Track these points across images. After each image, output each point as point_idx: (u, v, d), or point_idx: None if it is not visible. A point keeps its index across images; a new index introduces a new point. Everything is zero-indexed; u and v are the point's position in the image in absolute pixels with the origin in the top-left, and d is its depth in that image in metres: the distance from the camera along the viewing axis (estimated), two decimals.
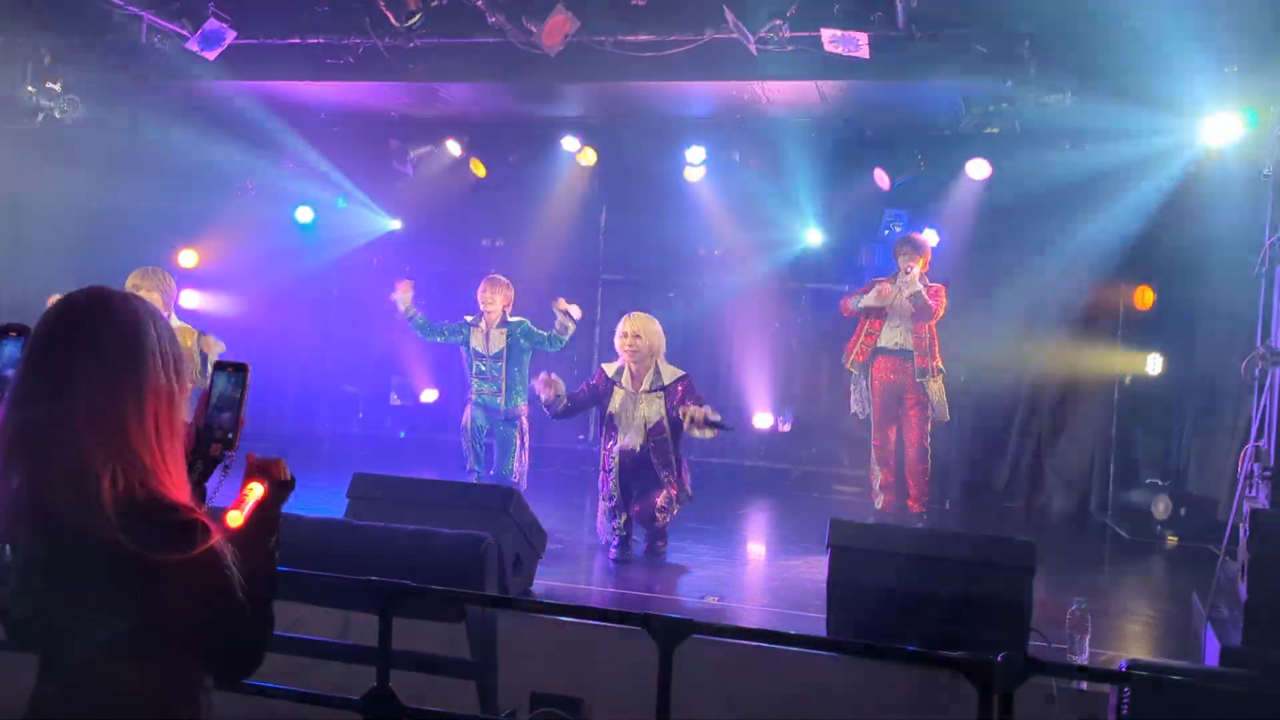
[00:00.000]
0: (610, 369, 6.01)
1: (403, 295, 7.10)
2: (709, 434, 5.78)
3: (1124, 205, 7.43)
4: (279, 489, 1.88)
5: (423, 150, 9.07)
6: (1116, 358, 7.94)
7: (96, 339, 1.72)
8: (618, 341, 5.92)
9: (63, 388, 1.69)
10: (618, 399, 5.91)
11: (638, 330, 5.87)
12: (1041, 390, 8.17)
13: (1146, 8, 5.80)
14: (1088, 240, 7.70)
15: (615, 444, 5.87)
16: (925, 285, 6.77)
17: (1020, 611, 3.95)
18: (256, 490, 1.85)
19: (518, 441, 6.97)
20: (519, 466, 6.99)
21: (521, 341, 6.86)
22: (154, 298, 5.98)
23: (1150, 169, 7.14)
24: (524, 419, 7.03)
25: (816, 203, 8.53)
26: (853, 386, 7.16)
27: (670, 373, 5.91)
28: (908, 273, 6.69)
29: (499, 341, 6.85)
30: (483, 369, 6.90)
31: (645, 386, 5.86)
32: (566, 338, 6.84)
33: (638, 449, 5.82)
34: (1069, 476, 8.14)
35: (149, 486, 1.68)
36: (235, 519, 1.82)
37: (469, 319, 7.03)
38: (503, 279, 7.00)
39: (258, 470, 1.88)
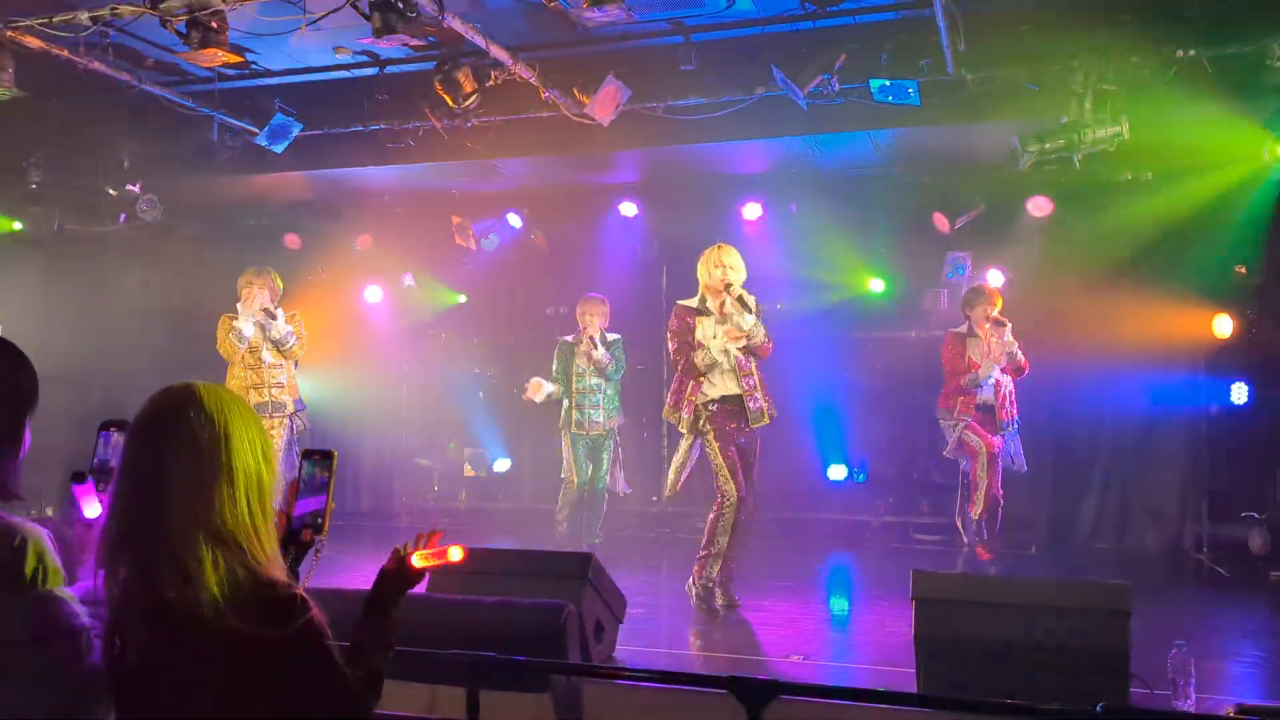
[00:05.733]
0: (691, 302, 5.87)
1: (535, 393, 7.58)
2: (746, 316, 5.67)
3: (1194, 231, 7.29)
4: (415, 573, 2.04)
5: (484, 224, 9.28)
6: (1200, 389, 7.73)
7: (189, 429, 1.80)
8: (715, 273, 5.77)
9: (160, 476, 1.77)
10: (707, 326, 5.78)
11: (733, 263, 5.81)
12: (1124, 427, 7.96)
13: (1198, 32, 5.75)
14: (1160, 270, 7.56)
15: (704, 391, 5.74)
16: None
17: (1118, 657, 3.81)
18: (456, 553, 2.04)
19: (612, 455, 7.46)
20: (616, 476, 7.53)
21: (620, 357, 7.38)
22: (264, 294, 6.42)
23: (1218, 193, 7.01)
24: (616, 433, 7.53)
25: (877, 250, 8.51)
26: (952, 431, 6.89)
27: (750, 296, 5.83)
28: (1002, 325, 6.56)
29: (596, 356, 7.29)
30: (587, 384, 7.36)
31: (727, 312, 5.78)
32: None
33: (734, 390, 5.74)
34: (1159, 514, 7.89)
35: (248, 567, 1.75)
36: (420, 559, 2.02)
37: (568, 339, 7.53)
38: (599, 296, 7.50)
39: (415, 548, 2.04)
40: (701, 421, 5.75)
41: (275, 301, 6.75)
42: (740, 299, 5.70)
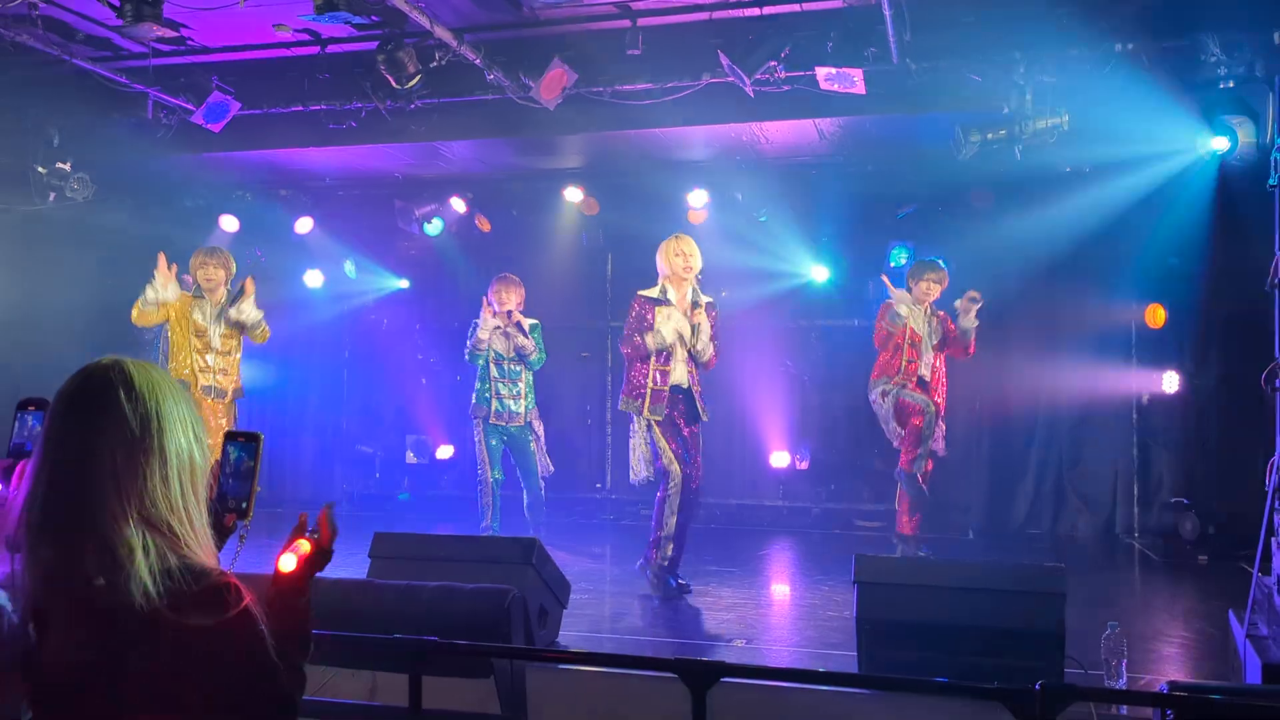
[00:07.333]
0: (652, 292, 5.84)
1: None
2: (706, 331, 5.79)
3: (1131, 223, 7.45)
4: (320, 554, 1.90)
5: (427, 209, 9.15)
6: (1132, 378, 7.92)
7: (118, 408, 1.71)
8: (675, 261, 5.77)
9: (88, 458, 1.68)
10: (666, 316, 5.77)
11: (692, 250, 5.82)
12: (1058, 414, 8.12)
13: (1137, 25, 5.87)
14: (1096, 261, 7.72)
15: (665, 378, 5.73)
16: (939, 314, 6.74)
17: (1054, 638, 3.89)
18: (304, 546, 1.87)
19: (534, 447, 6.99)
20: (543, 470, 7.06)
21: (540, 343, 6.92)
22: (218, 274, 6.19)
23: (1155, 185, 7.15)
24: (536, 421, 7.05)
25: (821, 239, 8.57)
26: (891, 395, 6.59)
27: (704, 296, 5.90)
28: (974, 302, 6.52)
29: (520, 340, 6.84)
30: (504, 371, 6.89)
31: (687, 304, 5.83)
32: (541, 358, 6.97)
33: (685, 382, 5.77)
34: (1092, 500, 8.07)
35: (179, 553, 1.68)
36: (287, 563, 1.85)
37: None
38: (514, 276, 7.00)
39: (305, 530, 1.90)
40: (657, 407, 5.74)
41: (228, 283, 6.50)
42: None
